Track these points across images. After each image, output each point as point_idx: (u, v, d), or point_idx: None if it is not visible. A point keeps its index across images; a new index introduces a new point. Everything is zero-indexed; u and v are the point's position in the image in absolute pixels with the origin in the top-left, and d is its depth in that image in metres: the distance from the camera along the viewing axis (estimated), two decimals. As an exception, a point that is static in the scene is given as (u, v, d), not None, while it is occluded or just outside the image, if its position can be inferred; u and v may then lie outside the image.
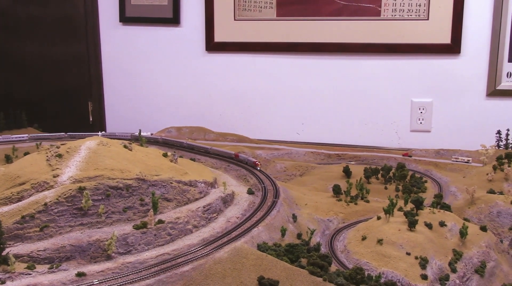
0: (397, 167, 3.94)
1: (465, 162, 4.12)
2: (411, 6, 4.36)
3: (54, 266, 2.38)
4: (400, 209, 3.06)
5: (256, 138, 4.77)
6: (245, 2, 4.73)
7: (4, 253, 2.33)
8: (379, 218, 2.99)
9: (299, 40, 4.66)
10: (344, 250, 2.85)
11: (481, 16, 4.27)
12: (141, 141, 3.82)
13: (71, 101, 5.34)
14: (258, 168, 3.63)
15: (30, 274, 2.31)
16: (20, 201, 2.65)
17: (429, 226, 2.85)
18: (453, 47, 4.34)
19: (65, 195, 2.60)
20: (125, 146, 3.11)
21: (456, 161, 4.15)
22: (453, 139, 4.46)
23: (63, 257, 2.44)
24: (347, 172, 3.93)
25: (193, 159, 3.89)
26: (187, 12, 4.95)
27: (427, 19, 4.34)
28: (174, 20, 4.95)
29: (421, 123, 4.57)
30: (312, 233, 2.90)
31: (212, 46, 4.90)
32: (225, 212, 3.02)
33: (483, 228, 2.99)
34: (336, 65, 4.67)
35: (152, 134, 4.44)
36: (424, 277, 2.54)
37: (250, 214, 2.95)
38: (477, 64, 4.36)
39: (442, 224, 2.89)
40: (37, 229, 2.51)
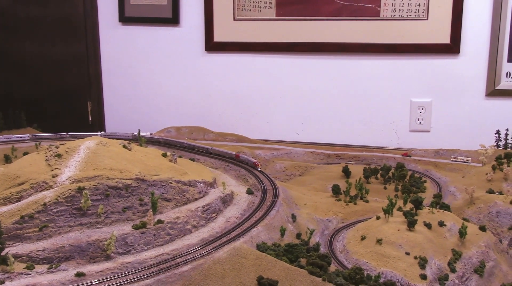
0: (396, 167, 3.95)
1: (464, 162, 4.12)
2: (411, 6, 4.36)
3: (53, 266, 2.38)
4: (399, 209, 3.06)
5: (255, 138, 4.77)
6: (245, 2, 4.72)
7: (3, 253, 2.33)
8: (378, 218, 2.99)
9: (299, 40, 4.66)
10: (343, 250, 2.85)
11: (481, 16, 4.27)
12: (140, 141, 3.82)
13: (71, 101, 5.34)
14: (259, 168, 3.63)
15: (29, 274, 2.31)
16: (19, 201, 2.65)
17: (428, 226, 2.86)
18: (452, 47, 4.34)
19: (64, 195, 2.60)
20: (124, 146, 3.11)
21: (456, 161, 4.15)
22: (452, 139, 4.45)
23: (62, 257, 2.44)
24: (346, 172, 3.94)
25: (192, 159, 3.89)
26: (187, 12, 4.94)
27: (427, 19, 4.34)
28: (173, 20, 4.95)
29: (420, 123, 4.57)
30: (311, 233, 2.90)
31: (212, 46, 4.90)
32: (225, 212, 3.02)
33: (482, 228, 3.00)
34: (336, 65, 4.67)
35: (151, 134, 4.44)
36: (423, 277, 2.54)
37: (250, 214, 2.95)
38: (476, 64, 4.35)
39: (441, 224, 2.89)
40: (36, 229, 2.51)
